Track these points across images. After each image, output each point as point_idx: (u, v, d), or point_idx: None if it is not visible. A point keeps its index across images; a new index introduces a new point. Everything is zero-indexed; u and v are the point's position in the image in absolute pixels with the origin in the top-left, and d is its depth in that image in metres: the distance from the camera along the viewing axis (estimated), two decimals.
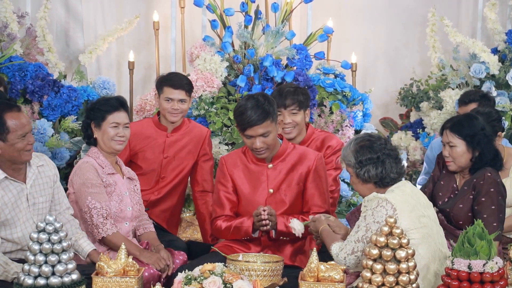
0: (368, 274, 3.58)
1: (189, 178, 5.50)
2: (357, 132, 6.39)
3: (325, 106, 6.29)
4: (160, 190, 5.34)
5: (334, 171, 5.12)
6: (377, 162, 3.96)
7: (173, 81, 5.32)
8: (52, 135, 5.80)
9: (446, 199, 4.67)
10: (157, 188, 5.34)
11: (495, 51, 6.84)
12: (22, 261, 4.10)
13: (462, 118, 4.71)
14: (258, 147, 4.43)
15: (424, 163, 5.88)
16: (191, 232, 5.88)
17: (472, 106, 5.72)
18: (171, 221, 5.45)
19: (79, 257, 4.33)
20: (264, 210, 4.40)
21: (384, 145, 4.00)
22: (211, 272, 3.63)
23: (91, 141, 4.64)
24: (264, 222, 4.40)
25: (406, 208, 3.89)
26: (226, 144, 6.14)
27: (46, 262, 3.56)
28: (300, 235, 4.37)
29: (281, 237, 4.51)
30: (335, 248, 4.00)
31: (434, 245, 3.93)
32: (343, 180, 5.91)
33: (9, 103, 4.35)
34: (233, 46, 6.48)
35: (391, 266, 3.54)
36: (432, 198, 4.70)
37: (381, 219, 3.83)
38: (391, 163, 3.98)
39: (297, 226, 4.35)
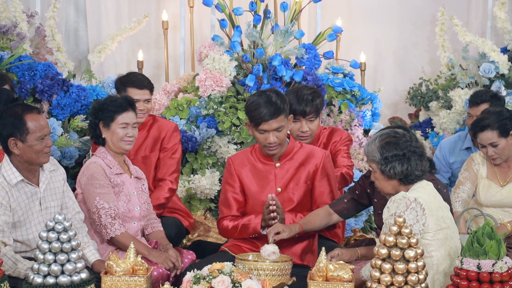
0: (377, 274, 3.58)
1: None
2: (366, 131, 6.38)
3: (334, 105, 6.28)
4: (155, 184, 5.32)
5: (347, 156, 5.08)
6: (403, 159, 3.90)
7: (135, 81, 5.15)
8: (62, 134, 5.83)
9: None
10: (154, 184, 5.31)
11: (504, 50, 6.83)
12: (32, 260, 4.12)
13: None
14: (272, 142, 4.42)
15: None
16: (200, 232, 5.87)
17: (484, 106, 5.70)
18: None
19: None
20: (272, 200, 4.38)
21: (409, 142, 3.95)
22: (220, 271, 3.63)
23: (100, 141, 4.63)
24: (271, 208, 4.35)
25: (433, 208, 3.86)
26: (235, 144, 6.14)
27: (55, 261, 3.56)
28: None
29: None
30: (365, 271, 3.90)
31: (454, 247, 3.90)
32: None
33: (29, 105, 4.39)
34: (242, 45, 6.48)
35: (400, 266, 3.53)
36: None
37: (413, 222, 3.78)
38: (416, 160, 3.92)
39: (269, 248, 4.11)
